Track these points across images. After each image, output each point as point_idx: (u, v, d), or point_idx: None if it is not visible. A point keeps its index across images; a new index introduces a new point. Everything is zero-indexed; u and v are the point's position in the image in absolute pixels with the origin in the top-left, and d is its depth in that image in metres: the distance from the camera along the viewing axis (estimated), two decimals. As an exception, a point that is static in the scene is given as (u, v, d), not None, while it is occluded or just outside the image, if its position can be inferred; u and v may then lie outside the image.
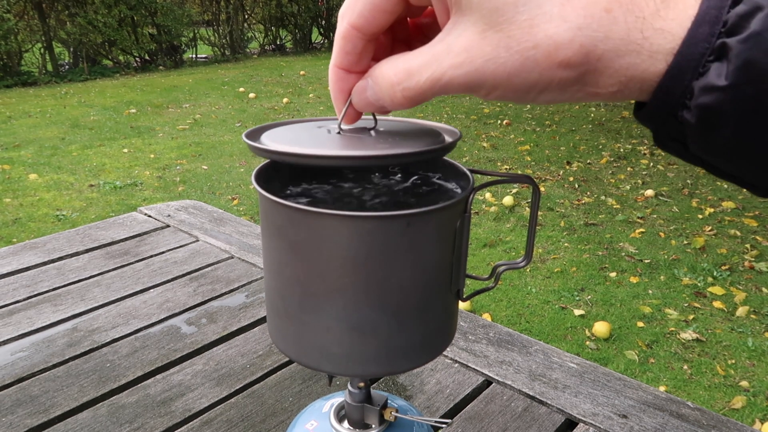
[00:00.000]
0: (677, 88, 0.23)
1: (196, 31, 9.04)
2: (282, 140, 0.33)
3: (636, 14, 0.23)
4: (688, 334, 1.99)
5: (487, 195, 3.22)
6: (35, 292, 0.83)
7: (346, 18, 0.28)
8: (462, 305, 1.83)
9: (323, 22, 10.33)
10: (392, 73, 0.28)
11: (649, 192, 3.28)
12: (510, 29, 0.24)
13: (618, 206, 3.13)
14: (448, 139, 0.34)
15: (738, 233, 2.78)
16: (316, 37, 10.55)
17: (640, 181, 3.51)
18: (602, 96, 0.25)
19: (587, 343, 1.96)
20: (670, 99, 0.24)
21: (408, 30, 0.33)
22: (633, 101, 0.27)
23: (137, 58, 8.40)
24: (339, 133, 0.34)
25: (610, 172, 3.69)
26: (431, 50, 0.26)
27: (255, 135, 0.35)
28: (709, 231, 2.81)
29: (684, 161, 0.26)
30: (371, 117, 0.37)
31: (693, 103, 0.23)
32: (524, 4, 0.24)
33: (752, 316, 2.11)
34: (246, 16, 9.68)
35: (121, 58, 8.20)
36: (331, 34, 10.41)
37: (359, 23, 0.28)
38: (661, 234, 2.79)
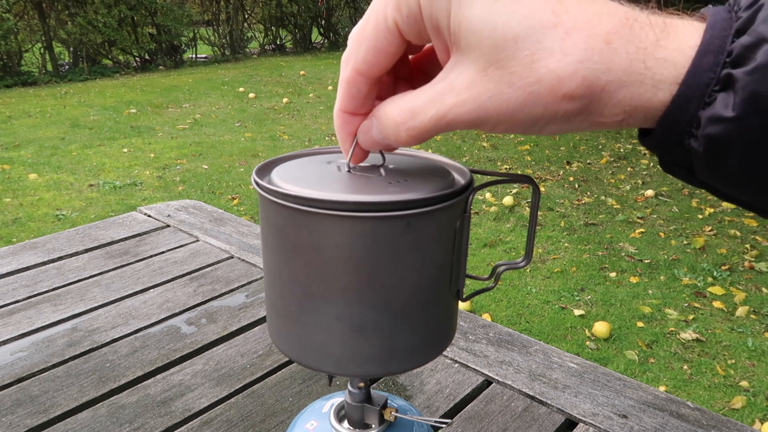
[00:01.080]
0: (683, 117, 0.24)
1: (196, 31, 9.04)
2: (292, 179, 0.33)
3: (636, 45, 0.23)
4: (688, 334, 1.99)
5: (487, 195, 3.22)
6: (35, 292, 0.83)
7: (350, 64, 0.29)
8: (462, 305, 1.83)
9: (323, 22, 10.33)
10: (396, 113, 0.28)
11: (649, 192, 3.28)
12: (511, 65, 0.24)
13: (618, 206, 3.13)
14: (457, 178, 0.35)
15: (738, 233, 2.79)
16: (316, 37, 10.55)
17: (640, 181, 3.52)
18: (607, 125, 0.26)
19: (587, 343, 1.96)
20: (676, 128, 0.24)
21: (409, 68, 0.33)
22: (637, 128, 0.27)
23: (137, 58, 8.40)
24: (349, 171, 0.35)
25: (610, 172, 3.69)
26: (434, 89, 0.27)
27: (265, 171, 0.36)
28: (709, 231, 2.82)
29: (691, 185, 0.27)
30: (379, 154, 0.37)
31: (700, 132, 0.23)
32: (524, 40, 0.24)
33: (752, 316, 2.11)
34: (246, 16, 9.68)
35: (121, 58, 8.20)
36: (331, 34, 10.41)
37: (363, 68, 0.28)
38: (661, 234, 2.79)
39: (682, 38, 0.23)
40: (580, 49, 0.23)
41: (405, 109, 0.28)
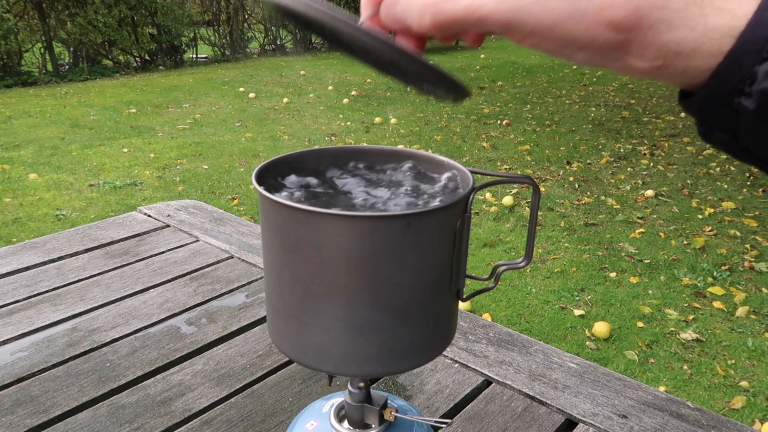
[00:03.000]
0: (737, 72, 0.22)
1: (196, 31, 9.03)
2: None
3: None
4: (688, 334, 1.99)
5: (487, 195, 3.22)
6: (35, 292, 0.83)
7: None
8: (462, 305, 1.83)
9: (323, 22, 10.31)
10: None
11: (649, 192, 3.28)
12: None
13: (618, 206, 3.13)
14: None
15: (738, 233, 2.78)
16: (316, 37, 10.54)
17: (640, 181, 3.51)
18: (641, 70, 0.24)
19: (587, 343, 1.96)
20: (727, 84, 0.23)
21: None
22: (678, 90, 0.25)
23: (137, 58, 8.40)
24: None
25: (610, 172, 3.69)
26: None
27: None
28: (709, 231, 2.81)
29: (731, 156, 0.25)
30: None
31: (755, 87, 0.22)
32: None
33: (752, 316, 2.11)
34: (246, 16, 9.68)
35: (121, 58, 8.20)
36: (331, 34, 10.40)
37: None
38: (661, 234, 2.79)
39: None
40: None
41: None
